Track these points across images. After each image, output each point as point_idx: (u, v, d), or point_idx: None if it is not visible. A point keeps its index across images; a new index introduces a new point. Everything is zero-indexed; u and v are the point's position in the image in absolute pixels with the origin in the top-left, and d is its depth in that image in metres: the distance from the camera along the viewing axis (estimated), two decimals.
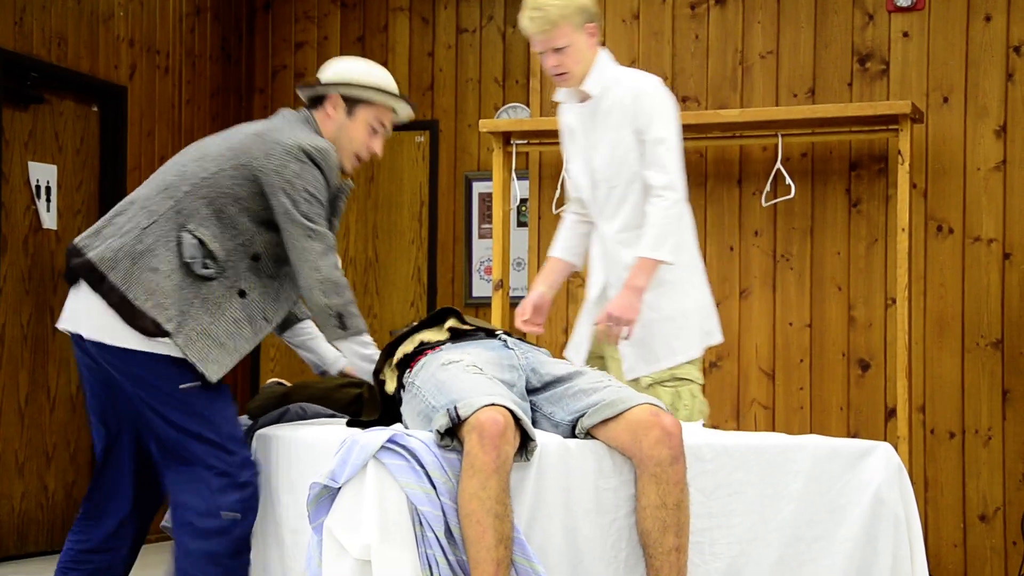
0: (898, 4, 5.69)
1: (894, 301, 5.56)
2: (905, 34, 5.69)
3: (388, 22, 7.70)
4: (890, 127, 5.46)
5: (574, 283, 6.04)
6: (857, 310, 5.70)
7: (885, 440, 4.14)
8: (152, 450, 3.38)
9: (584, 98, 3.99)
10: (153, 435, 3.35)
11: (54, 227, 6.41)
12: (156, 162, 6.97)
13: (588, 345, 4.09)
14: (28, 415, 6.26)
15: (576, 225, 4.19)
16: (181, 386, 3.27)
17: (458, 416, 2.93)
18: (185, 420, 3.28)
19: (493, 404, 2.93)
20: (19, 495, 6.22)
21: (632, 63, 6.02)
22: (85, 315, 3.31)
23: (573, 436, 3.16)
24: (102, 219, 3.42)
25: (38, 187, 6.33)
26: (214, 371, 3.29)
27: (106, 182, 6.71)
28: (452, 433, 2.97)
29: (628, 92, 3.92)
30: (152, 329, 3.23)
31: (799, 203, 5.75)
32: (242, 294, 3.33)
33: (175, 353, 3.27)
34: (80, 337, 3.33)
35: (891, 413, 5.58)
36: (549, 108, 5.96)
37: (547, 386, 3.29)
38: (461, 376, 3.10)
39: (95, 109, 6.73)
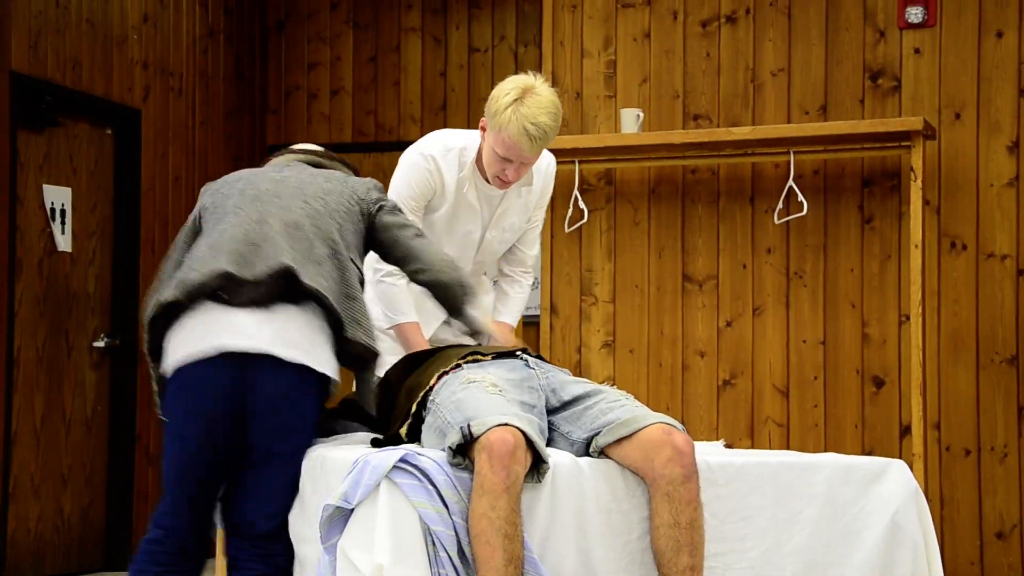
0: (909, 21, 5.69)
1: (908, 318, 5.55)
2: (917, 50, 5.69)
3: (400, 42, 7.72)
4: (902, 144, 5.45)
5: (587, 302, 6.05)
6: (871, 327, 5.68)
7: (900, 458, 4.13)
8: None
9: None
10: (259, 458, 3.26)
11: (69, 250, 6.44)
12: (170, 183, 7.00)
13: None
14: (44, 437, 6.28)
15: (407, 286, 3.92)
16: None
17: (470, 434, 2.93)
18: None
19: (505, 424, 2.92)
20: (35, 517, 6.23)
21: (644, 81, 6.04)
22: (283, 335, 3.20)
23: (588, 455, 3.15)
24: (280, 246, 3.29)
25: (53, 210, 6.35)
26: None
27: (121, 204, 6.74)
28: (464, 452, 2.97)
29: (540, 174, 3.95)
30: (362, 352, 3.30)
31: (812, 220, 5.74)
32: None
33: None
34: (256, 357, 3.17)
35: (906, 430, 5.56)
36: (560, 129, 5.97)
37: (565, 405, 3.29)
38: (479, 395, 3.10)
39: (109, 132, 6.76)
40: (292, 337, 3.19)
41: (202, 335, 3.19)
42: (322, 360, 3.22)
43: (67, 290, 6.43)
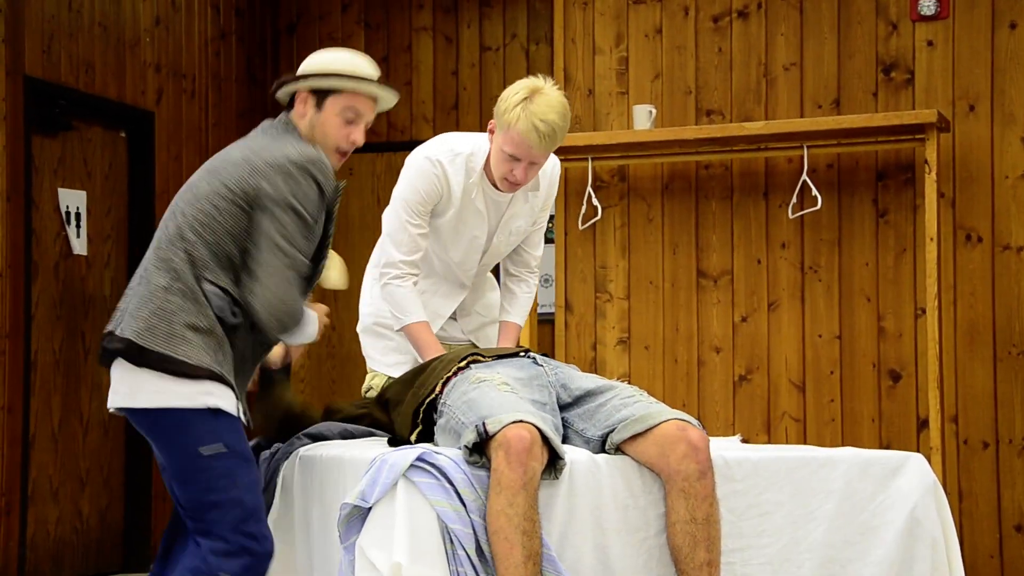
0: (922, 13, 5.67)
1: (924, 311, 5.53)
2: (930, 43, 5.67)
3: (412, 42, 7.73)
4: (916, 136, 5.44)
5: (602, 298, 6.04)
6: (887, 321, 5.67)
7: (918, 451, 4.12)
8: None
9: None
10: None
11: (84, 253, 6.46)
12: (183, 186, 7.01)
13: None
14: (62, 440, 6.30)
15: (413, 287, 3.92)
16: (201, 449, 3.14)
17: (486, 432, 2.94)
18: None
19: (520, 421, 2.93)
20: (54, 520, 6.25)
21: (656, 77, 6.03)
22: (126, 387, 3.18)
23: (603, 451, 3.16)
24: (127, 293, 3.33)
25: (68, 213, 6.38)
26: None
27: (135, 207, 6.76)
28: (480, 450, 2.97)
29: (546, 178, 3.93)
30: (195, 370, 3.09)
31: (826, 214, 5.73)
32: (253, 327, 3.22)
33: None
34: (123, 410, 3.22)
35: (923, 424, 5.54)
36: (572, 125, 5.97)
37: (578, 401, 3.29)
38: (491, 394, 3.11)
39: (123, 135, 6.78)
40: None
41: None
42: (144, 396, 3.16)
43: (83, 293, 6.45)
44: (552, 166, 3.96)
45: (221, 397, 3.13)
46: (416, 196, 3.76)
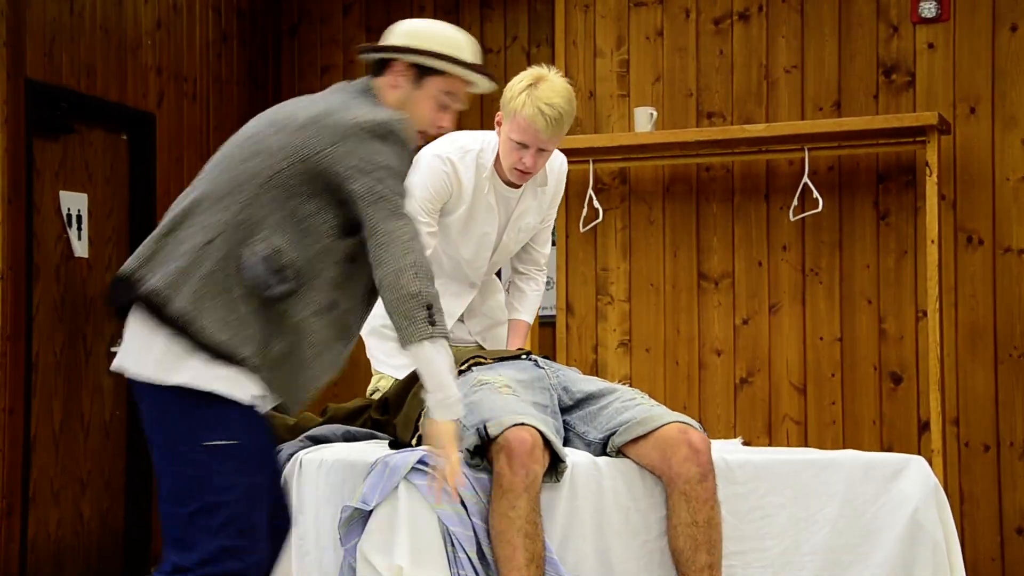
0: (923, 15, 5.67)
1: (925, 313, 5.53)
2: (930, 45, 5.67)
3: None
4: (917, 139, 5.44)
5: (603, 301, 6.04)
6: (888, 323, 5.67)
7: (919, 454, 4.12)
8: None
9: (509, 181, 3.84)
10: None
11: (86, 255, 6.46)
12: (185, 188, 7.01)
13: None
14: (62, 442, 6.30)
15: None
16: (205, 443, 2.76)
17: (487, 435, 2.93)
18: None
19: (522, 424, 2.93)
20: (55, 522, 6.25)
21: (657, 80, 6.03)
22: (136, 351, 2.83)
23: (605, 454, 3.16)
24: (148, 242, 2.91)
25: (69, 216, 6.38)
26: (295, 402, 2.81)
27: (136, 209, 6.76)
28: (482, 453, 2.97)
29: (554, 174, 3.94)
30: (225, 353, 2.69)
31: (827, 217, 5.73)
32: (332, 306, 2.80)
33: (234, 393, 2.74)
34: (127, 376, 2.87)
35: (924, 426, 5.54)
36: (573, 127, 5.97)
37: (579, 404, 3.29)
38: (492, 396, 3.11)
39: (124, 137, 6.78)
40: None
41: None
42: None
43: (84, 296, 6.45)
44: (560, 162, 3.97)
45: (230, 381, 2.76)
46: (426, 194, 3.76)
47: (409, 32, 2.98)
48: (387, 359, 3.93)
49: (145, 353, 2.80)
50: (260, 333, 2.74)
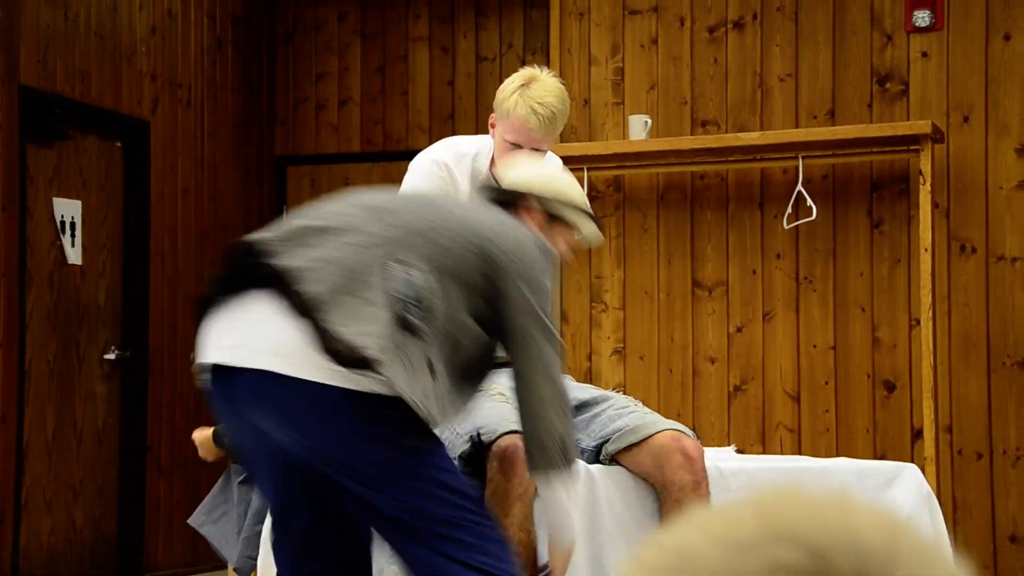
0: (917, 24, 5.68)
1: (918, 322, 5.54)
2: (924, 54, 5.68)
3: (408, 52, 7.73)
4: (911, 147, 5.45)
5: (597, 308, 6.05)
6: (881, 331, 5.67)
7: (912, 462, 4.12)
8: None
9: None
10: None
11: (79, 262, 6.45)
12: (179, 195, 7.02)
13: None
14: (55, 450, 6.29)
15: None
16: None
17: (481, 442, 2.93)
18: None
19: (515, 431, 2.93)
20: (47, 530, 6.24)
21: (651, 88, 6.04)
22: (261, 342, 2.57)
23: (598, 462, 3.16)
24: (282, 230, 2.67)
25: (63, 223, 6.37)
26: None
27: (130, 216, 6.75)
28: (475, 460, 2.97)
29: None
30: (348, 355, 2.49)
31: (821, 225, 5.74)
32: (432, 373, 2.57)
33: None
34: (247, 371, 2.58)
35: (918, 434, 5.55)
36: (568, 134, 5.98)
37: (573, 411, 3.29)
38: (486, 404, 3.11)
39: (118, 144, 6.78)
40: None
41: None
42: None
43: (77, 303, 6.44)
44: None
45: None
46: None
47: (540, 180, 3.08)
48: None
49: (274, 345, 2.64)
50: (388, 342, 2.55)
